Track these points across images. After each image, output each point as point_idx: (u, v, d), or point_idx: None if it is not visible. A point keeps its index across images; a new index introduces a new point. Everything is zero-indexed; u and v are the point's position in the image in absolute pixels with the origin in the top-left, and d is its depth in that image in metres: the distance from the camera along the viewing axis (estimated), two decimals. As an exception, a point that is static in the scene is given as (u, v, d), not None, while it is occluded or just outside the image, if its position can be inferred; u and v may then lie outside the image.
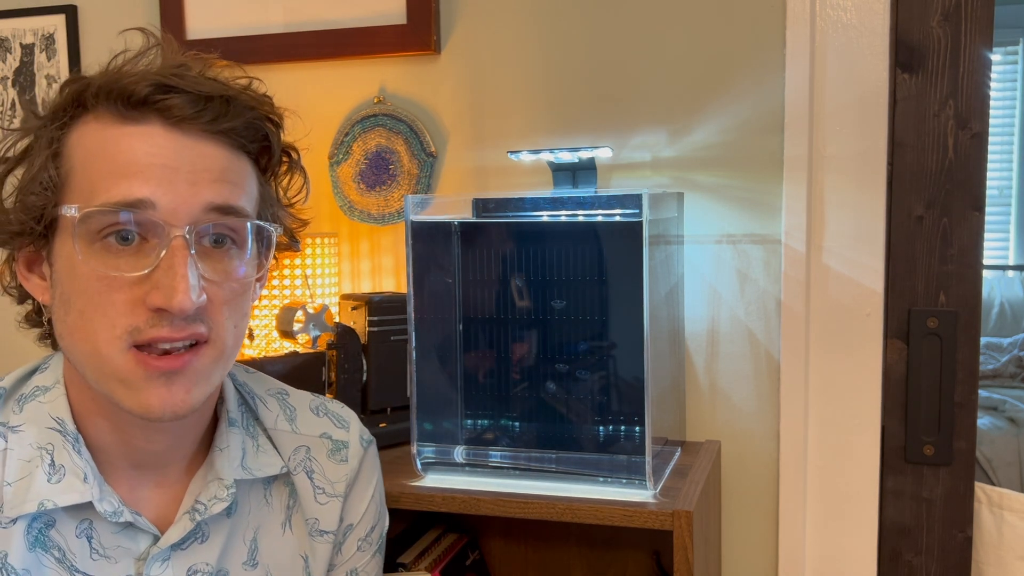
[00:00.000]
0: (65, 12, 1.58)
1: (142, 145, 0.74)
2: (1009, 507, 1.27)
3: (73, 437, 0.79)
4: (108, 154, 0.74)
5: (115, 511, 0.78)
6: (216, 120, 0.76)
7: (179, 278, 0.72)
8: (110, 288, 0.73)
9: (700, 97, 1.30)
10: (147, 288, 0.73)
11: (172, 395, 0.75)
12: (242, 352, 1.36)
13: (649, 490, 1.05)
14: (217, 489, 0.84)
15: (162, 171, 0.73)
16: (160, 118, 0.75)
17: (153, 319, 0.73)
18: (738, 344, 1.31)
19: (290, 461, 0.91)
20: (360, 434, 0.97)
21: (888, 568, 1.30)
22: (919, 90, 1.24)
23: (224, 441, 0.86)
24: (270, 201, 0.84)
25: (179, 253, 0.73)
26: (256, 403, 0.92)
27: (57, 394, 0.81)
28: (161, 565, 0.81)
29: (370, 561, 0.97)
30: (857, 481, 1.27)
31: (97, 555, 0.79)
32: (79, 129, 0.76)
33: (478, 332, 1.14)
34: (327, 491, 0.92)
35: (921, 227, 1.25)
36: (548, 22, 1.36)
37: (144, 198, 0.72)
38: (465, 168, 1.41)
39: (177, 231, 0.73)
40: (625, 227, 1.05)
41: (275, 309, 1.29)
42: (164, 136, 0.74)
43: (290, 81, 1.48)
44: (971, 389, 1.25)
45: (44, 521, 0.77)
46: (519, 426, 1.14)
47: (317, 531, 0.91)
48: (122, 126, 0.75)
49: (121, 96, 0.74)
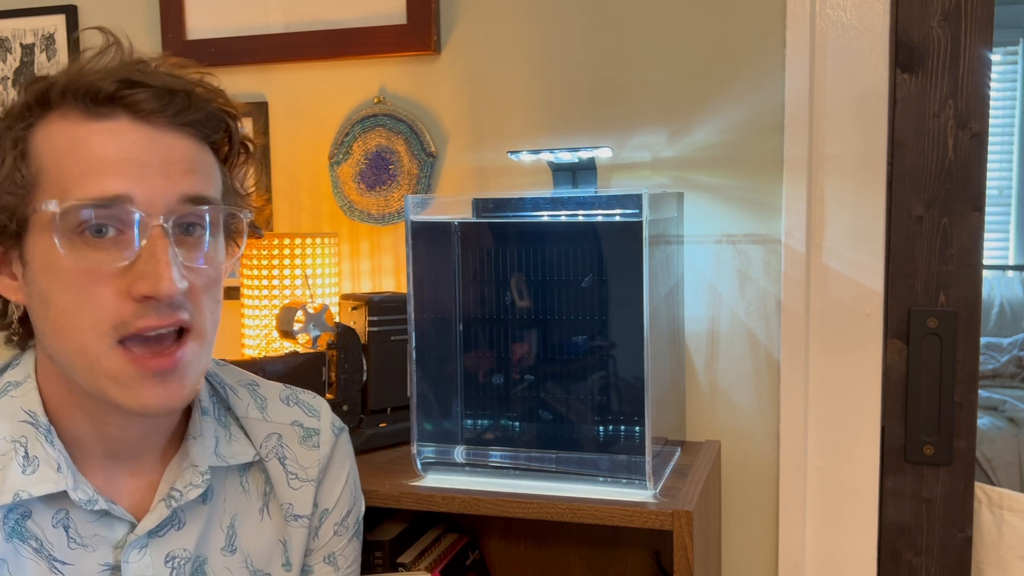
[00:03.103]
0: (65, 12, 1.58)
1: (112, 140, 0.75)
2: (1009, 507, 1.27)
3: (45, 429, 0.80)
4: (79, 151, 0.75)
5: (89, 499, 0.80)
6: (181, 112, 0.78)
7: (163, 265, 0.74)
8: (93, 282, 0.74)
9: (700, 97, 1.30)
10: (130, 279, 0.74)
11: (168, 392, 0.77)
12: (242, 352, 1.36)
13: (649, 490, 1.05)
14: (192, 476, 0.85)
15: (135, 165, 0.75)
16: (127, 113, 0.76)
17: (139, 310, 0.74)
18: (738, 344, 1.31)
19: (262, 448, 0.92)
20: (331, 421, 0.98)
21: (888, 568, 1.30)
22: (919, 90, 1.24)
23: (198, 429, 0.88)
24: (232, 190, 0.86)
25: (160, 242, 0.74)
26: (227, 393, 0.93)
27: (28, 388, 0.82)
28: (139, 552, 0.82)
29: (347, 545, 0.98)
30: (857, 481, 1.27)
31: (75, 544, 0.80)
32: (45, 128, 0.77)
33: (478, 332, 1.14)
34: (300, 476, 0.93)
35: (921, 227, 1.25)
36: (548, 22, 1.36)
37: (121, 193, 0.74)
38: (465, 168, 1.41)
39: (155, 221, 0.74)
40: (625, 227, 1.05)
41: (275, 309, 1.29)
42: (133, 131, 0.76)
43: (290, 81, 1.48)
44: (971, 389, 1.25)
45: (20, 512, 0.79)
46: (519, 426, 1.14)
47: (292, 516, 0.93)
48: (90, 123, 0.76)
49: (88, 93, 0.75)
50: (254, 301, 1.33)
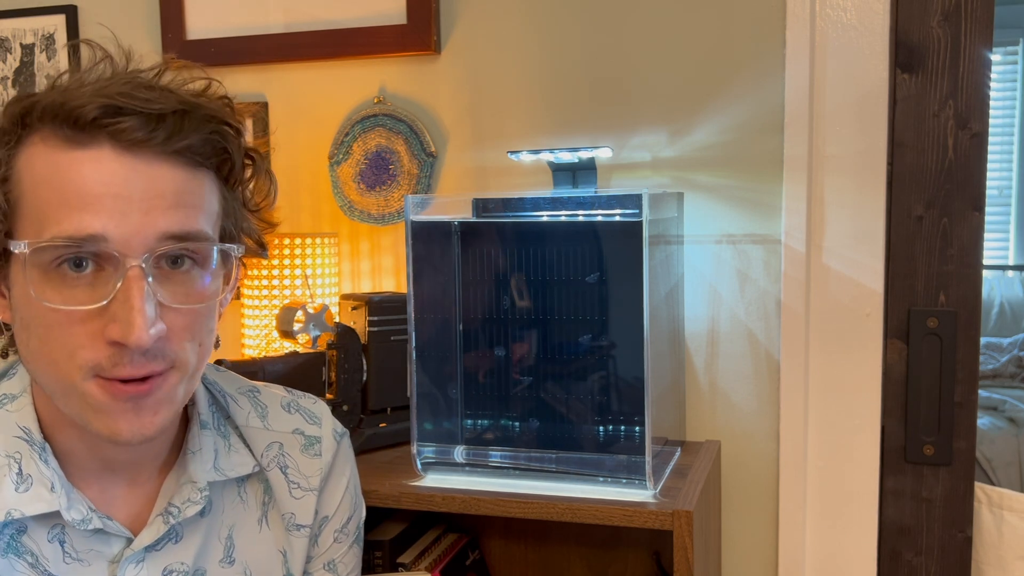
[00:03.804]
0: (65, 12, 1.58)
1: (92, 173, 0.70)
2: (1009, 507, 1.27)
3: (40, 446, 0.78)
4: (57, 182, 0.71)
5: (83, 519, 0.78)
6: (170, 140, 0.72)
7: (136, 312, 0.70)
8: (68, 320, 0.71)
9: (700, 97, 1.30)
10: (105, 320, 0.71)
11: (140, 419, 0.74)
12: (242, 352, 1.36)
13: (649, 490, 1.05)
14: (191, 492, 0.83)
15: (114, 201, 0.70)
16: (110, 141, 0.71)
17: (114, 355, 0.71)
18: (738, 344, 1.31)
19: (263, 458, 0.91)
20: (333, 428, 0.97)
21: (888, 568, 1.30)
22: (919, 90, 1.24)
23: (196, 444, 0.86)
24: (234, 212, 0.81)
25: (135, 284, 0.70)
26: (227, 401, 0.91)
27: (24, 403, 0.80)
28: (136, 567, 0.81)
29: (347, 552, 0.97)
30: (857, 481, 1.27)
31: (70, 559, 0.79)
32: (27, 151, 0.73)
33: (478, 332, 1.14)
34: (302, 485, 0.92)
35: (921, 227, 1.25)
36: (548, 22, 1.36)
37: (95, 233, 0.70)
38: (465, 168, 1.41)
39: (133, 261, 0.70)
40: (625, 227, 1.05)
41: (275, 309, 1.29)
42: (115, 161, 0.71)
43: (290, 81, 1.48)
44: (971, 389, 1.25)
45: (15, 527, 0.77)
46: (519, 426, 1.14)
47: (294, 525, 0.92)
48: (70, 151, 0.71)
49: (68, 119, 0.71)
50: (254, 301, 1.33)
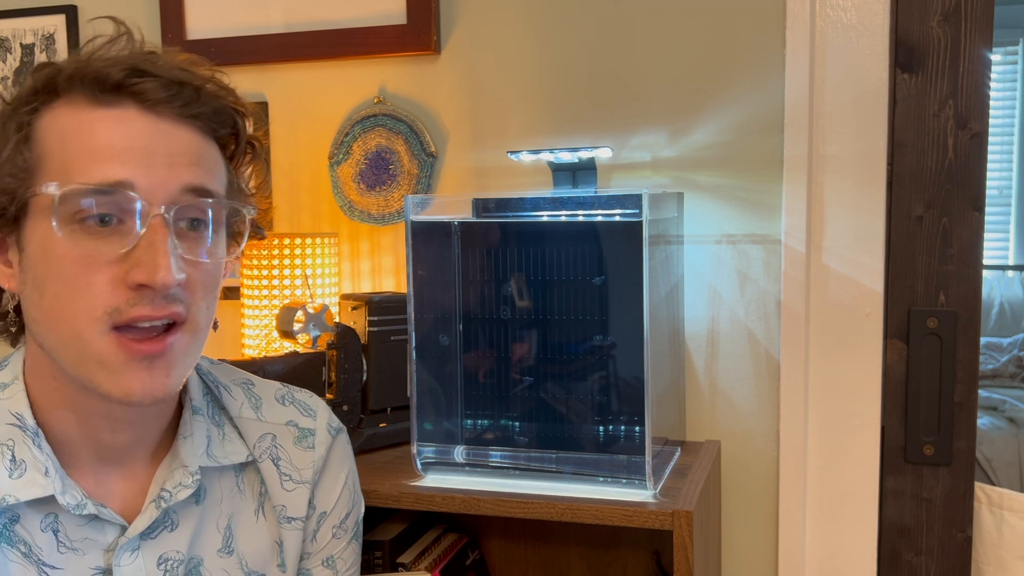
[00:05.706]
0: (65, 12, 1.58)
1: (118, 128, 0.75)
2: (1009, 507, 1.27)
3: (33, 432, 0.79)
4: (83, 137, 0.75)
5: (78, 504, 0.79)
6: (188, 105, 0.77)
7: (161, 254, 0.73)
8: (89, 269, 0.74)
9: (700, 97, 1.30)
10: (127, 267, 0.73)
11: (153, 379, 0.76)
12: (242, 352, 1.36)
13: (649, 490, 1.06)
14: (182, 476, 0.84)
15: (140, 154, 0.74)
16: (135, 102, 0.75)
17: (133, 298, 0.73)
18: (738, 344, 1.31)
19: (255, 449, 0.91)
20: (328, 422, 0.97)
21: (888, 568, 1.30)
22: (919, 90, 1.24)
23: (188, 429, 0.87)
24: (236, 188, 0.86)
25: (159, 231, 0.74)
26: (221, 392, 0.92)
27: (16, 390, 0.81)
28: (131, 555, 0.81)
29: (346, 548, 0.97)
30: (857, 481, 1.27)
31: (64, 548, 0.79)
32: (51, 114, 0.77)
33: (478, 332, 1.14)
34: (293, 478, 0.92)
35: (921, 227, 1.25)
36: (548, 22, 1.36)
37: (123, 180, 0.73)
38: (465, 168, 1.41)
39: (156, 210, 0.74)
40: (625, 227, 1.05)
41: (275, 309, 1.29)
42: (140, 119, 0.75)
43: (290, 81, 1.48)
44: (971, 389, 1.25)
45: (8, 516, 0.78)
46: (519, 426, 1.14)
47: (285, 518, 0.92)
48: (96, 109, 0.75)
49: (95, 80, 0.75)
50: (254, 301, 1.33)
